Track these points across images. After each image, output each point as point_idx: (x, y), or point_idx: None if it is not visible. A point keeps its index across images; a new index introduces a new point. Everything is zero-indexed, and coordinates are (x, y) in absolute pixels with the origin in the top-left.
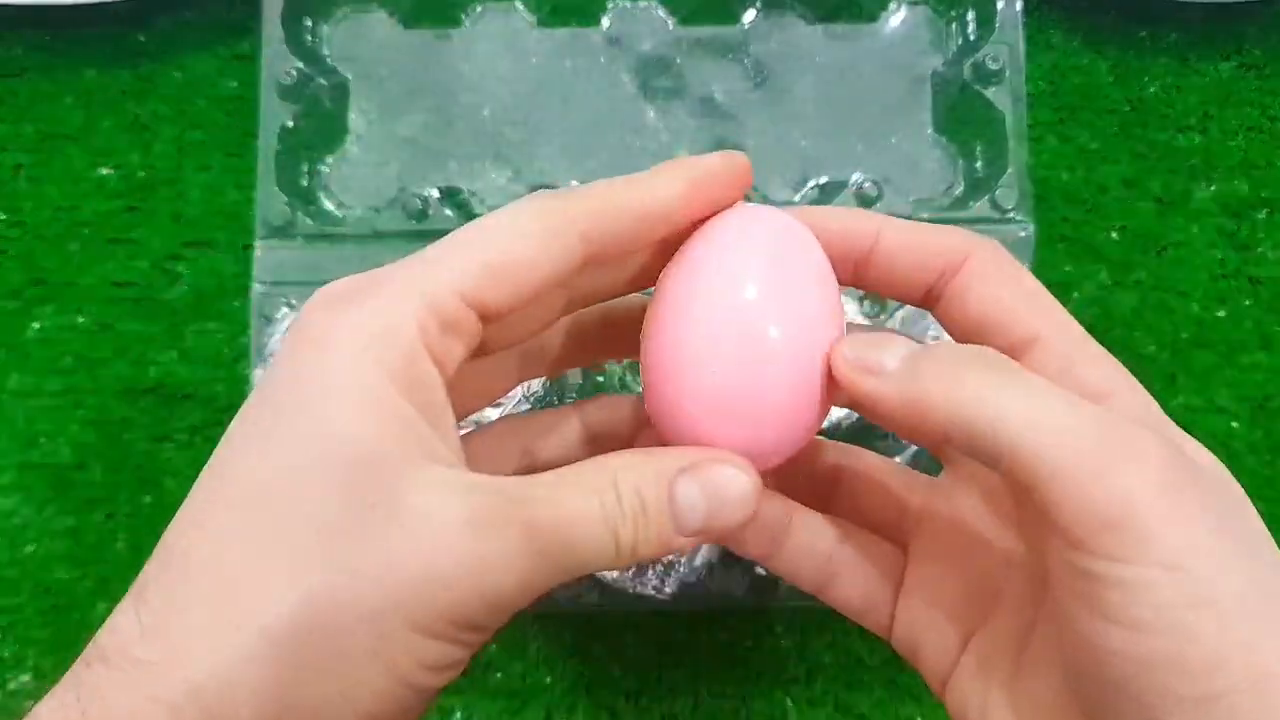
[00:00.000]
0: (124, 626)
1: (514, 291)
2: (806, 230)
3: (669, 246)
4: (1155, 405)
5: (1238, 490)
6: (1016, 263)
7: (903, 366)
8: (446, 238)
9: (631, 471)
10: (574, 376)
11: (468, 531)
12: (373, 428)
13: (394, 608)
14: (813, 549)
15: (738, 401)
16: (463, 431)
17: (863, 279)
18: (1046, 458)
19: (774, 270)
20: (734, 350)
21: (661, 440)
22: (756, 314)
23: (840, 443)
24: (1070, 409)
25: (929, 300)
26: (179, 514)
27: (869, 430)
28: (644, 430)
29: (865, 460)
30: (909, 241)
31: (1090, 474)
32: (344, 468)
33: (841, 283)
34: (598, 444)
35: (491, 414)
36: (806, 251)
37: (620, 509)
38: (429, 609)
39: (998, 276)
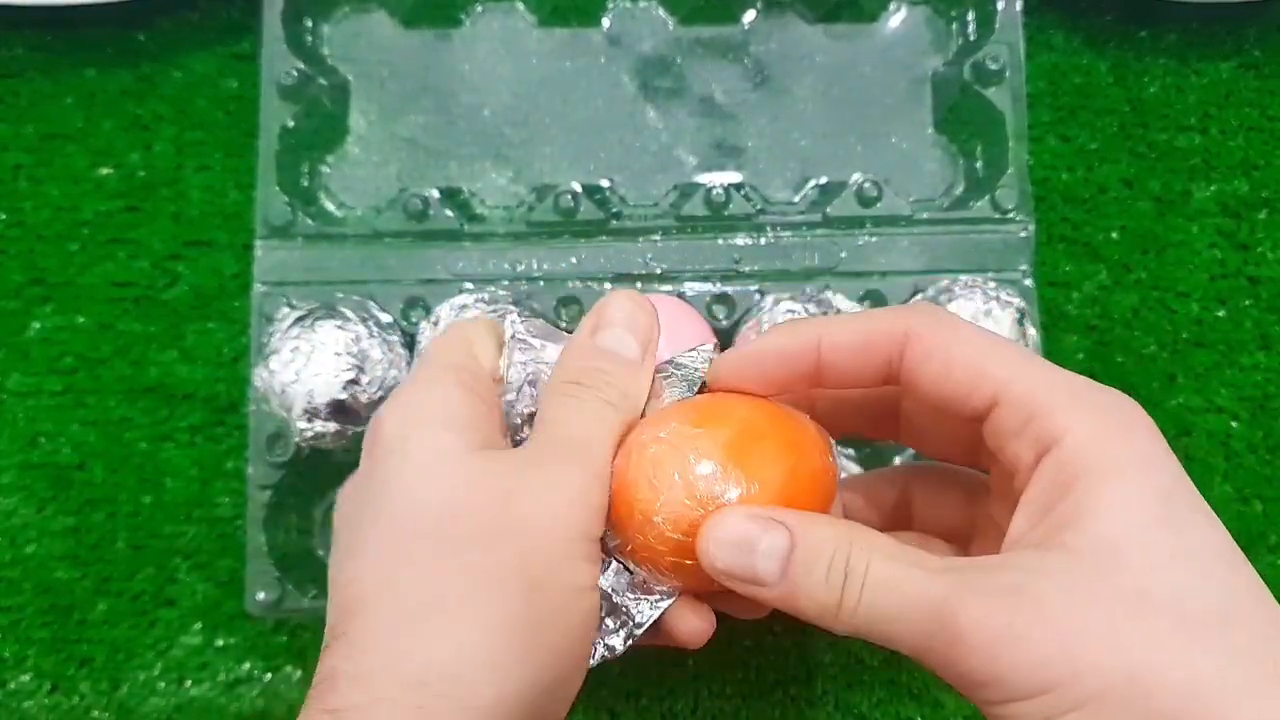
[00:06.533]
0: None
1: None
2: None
3: None
4: (1144, 411)
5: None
6: (953, 322)
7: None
8: None
9: None
10: None
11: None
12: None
13: (574, 680)
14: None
15: None
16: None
17: (825, 385)
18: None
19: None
20: None
21: None
22: None
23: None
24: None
25: (889, 382)
26: (371, 577)
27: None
28: None
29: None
30: (849, 338)
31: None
32: (512, 551)
33: (807, 392)
34: None
35: None
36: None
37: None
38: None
39: (941, 352)
